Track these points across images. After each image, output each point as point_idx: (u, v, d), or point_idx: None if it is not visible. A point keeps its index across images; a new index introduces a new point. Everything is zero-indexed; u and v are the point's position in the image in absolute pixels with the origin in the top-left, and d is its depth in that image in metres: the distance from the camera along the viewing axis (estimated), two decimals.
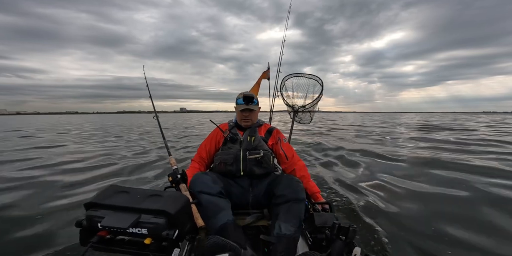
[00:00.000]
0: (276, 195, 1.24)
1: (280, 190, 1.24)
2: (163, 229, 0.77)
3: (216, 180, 1.30)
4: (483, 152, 5.43)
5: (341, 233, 1.00)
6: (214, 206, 1.16)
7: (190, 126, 16.80)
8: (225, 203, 1.21)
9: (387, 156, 4.91)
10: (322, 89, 2.67)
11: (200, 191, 1.20)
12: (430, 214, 2.30)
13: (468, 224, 2.07)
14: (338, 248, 0.97)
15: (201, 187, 1.22)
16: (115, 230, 0.75)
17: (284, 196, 1.20)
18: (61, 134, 11.07)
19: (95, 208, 0.82)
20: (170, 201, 0.86)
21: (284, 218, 1.13)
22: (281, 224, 1.11)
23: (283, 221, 1.12)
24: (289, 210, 1.16)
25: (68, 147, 6.58)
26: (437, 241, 1.82)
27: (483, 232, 1.94)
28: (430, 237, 1.88)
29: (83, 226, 0.80)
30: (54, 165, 4.28)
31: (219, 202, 1.18)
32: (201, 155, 1.63)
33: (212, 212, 1.14)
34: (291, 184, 1.26)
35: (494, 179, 3.26)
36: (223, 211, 1.14)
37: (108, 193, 0.88)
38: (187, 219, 0.95)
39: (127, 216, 0.77)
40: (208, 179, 1.27)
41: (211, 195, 1.19)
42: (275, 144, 1.64)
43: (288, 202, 1.18)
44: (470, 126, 14.45)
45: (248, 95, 1.57)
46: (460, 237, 1.86)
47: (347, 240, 0.98)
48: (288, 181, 1.29)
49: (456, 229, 1.98)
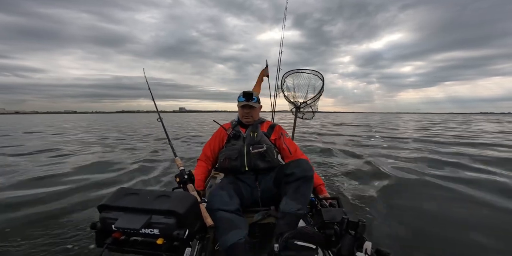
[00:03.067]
0: (286, 174, 1.27)
1: (290, 168, 1.27)
2: (174, 229, 0.78)
3: (233, 195, 1.26)
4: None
5: (351, 228, 1.00)
6: (229, 222, 1.11)
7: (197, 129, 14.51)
8: (241, 222, 1.15)
9: (391, 149, 4.89)
10: (323, 84, 2.64)
11: (218, 208, 1.15)
12: (441, 210, 2.30)
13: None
14: (348, 243, 0.97)
15: (219, 205, 1.17)
16: (128, 231, 0.76)
17: (294, 174, 1.23)
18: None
19: (108, 210, 0.83)
20: (179, 201, 0.86)
21: (292, 196, 1.19)
22: (287, 201, 1.18)
23: (290, 199, 1.19)
24: (298, 188, 1.21)
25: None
26: (448, 237, 1.82)
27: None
28: (441, 232, 1.88)
29: (97, 228, 0.81)
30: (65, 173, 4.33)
31: (235, 220, 1.13)
32: (206, 154, 1.67)
33: (225, 229, 1.08)
34: (301, 163, 1.30)
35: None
36: (237, 229, 1.08)
37: (118, 195, 0.89)
38: (196, 219, 0.96)
39: (139, 217, 0.78)
40: (224, 195, 1.23)
41: (229, 212, 1.16)
42: (278, 139, 1.67)
43: (298, 180, 1.22)
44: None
45: (248, 92, 1.62)
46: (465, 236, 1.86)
47: (357, 235, 0.98)
48: (298, 161, 1.34)
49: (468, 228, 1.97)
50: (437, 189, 2.85)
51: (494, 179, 3.25)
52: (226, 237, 1.05)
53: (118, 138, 9.62)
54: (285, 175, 1.27)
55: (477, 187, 2.89)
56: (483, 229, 1.92)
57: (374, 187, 2.95)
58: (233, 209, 1.17)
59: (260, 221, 1.31)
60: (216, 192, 1.26)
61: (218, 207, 1.16)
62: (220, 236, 1.07)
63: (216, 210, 1.15)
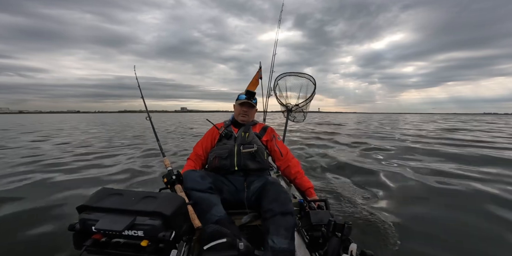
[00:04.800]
0: (263, 210, 1.21)
1: (267, 204, 1.20)
2: (160, 230, 0.76)
3: (205, 176, 1.32)
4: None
5: (337, 230, 1.01)
6: (206, 202, 1.20)
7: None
8: (216, 199, 1.25)
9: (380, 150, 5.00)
10: (315, 88, 2.68)
11: (191, 188, 1.24)
12: (426, 210, 2.36)
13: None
14: (334, 245, 0.98)
15: (192, 184, 1.25)
16: (110, 233, 0.74)
17: (271, 211, 1.16)
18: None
19: (88, 211, 0.80)
20: (166, 202, 0.85)
21: (275, 232, 1.08)
22: (273, 238, 1.06)
23: (275, 235, 1.07)
24: (279, 223, 1.12)
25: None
26: (431, 238, 1.87)
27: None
28: (425, 233, 1.93)
29: (76, 230, 0.78)
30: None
31: (210, 198, 1.23)
32: (197, 152, 1.66)
33: (205, 208, 1.18)
34: (278, 197, 1.21)
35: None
36: (215, 206, 1.19)
37: (101, 196, 0.86)
38: (184, 220, 0.94)
39: (122, 218, 0.76)
40: (196, 176, 1.30)
41: (202, 191, 1.24)
42: (269, 141, 1.68)
43: (276, 216, 1.14)
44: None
45: (252, 91, 1.70)
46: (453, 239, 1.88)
47: (343, 237, 0.99)
48: (275, 194, 1.24)
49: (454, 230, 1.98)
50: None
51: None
52: (209, 215, 1.15)
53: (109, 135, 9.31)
54: (263, 210, 1.21)
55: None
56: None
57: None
58: (204, 188, 1.25)
59: (249, 224, 1.30)
60: (189, 173, 1.33)
61: (191, 186, 1.24)
62: (203, 217, 1.14)
63: (190, 190, 1.24)
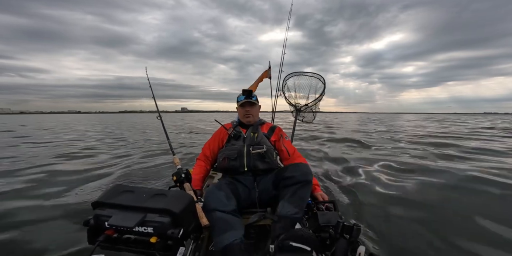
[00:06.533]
0: (285, 177, 1.27)
1: (290, 172, 1.28)
2: (168, 228, 0.78)
3: (230, 195, 1.24)
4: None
5: (345, 232, 1.00)
6: (225, 223, 1.10)
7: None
8: (238, 223, 1.14)
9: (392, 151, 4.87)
10: (324, 88, 2.64)
11: (214, 209, 1.13)
12: (437, 212, 2.28)
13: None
14: (342, 247, 0.97)
15: (215, 205, 1.15)
16: (121, 229, 0.76)
17: (294, 178, 1.24)
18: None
19: (102, 207, 0.83)
20: (175, 200, 0.86)
21: (290, 199, 1.19)
22: (285, 204, 1.18)
23: (288, 202, 1.19)
24: (296, 192, 1.21)
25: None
26: (443, 241, 1.80)
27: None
28: (436, 237, 1.86)
29: (90, 225, 0.81)
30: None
31: (231, 221, 1.12)
32: (205, 153, 1.67)
33: (221, 229, 1.07)
34: (301, 166, 1.31)
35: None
36: (233, 230, 1.07)
37: (114, 192, 0.89)
38: (192, 218, 0.96)
39: (133, 215, 0.78)
40: (222, 195, 1.21)
41: (225, 212, 1.14)
42: (277, 141, 1.68)
43: (296, 184, 1.22)
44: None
45: (247, 89, 1.66)
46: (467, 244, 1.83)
47: (351, 239, 0.98)
48: (298, 164, 1.34)
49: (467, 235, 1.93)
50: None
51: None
52: (221, 238, 1.04)
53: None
54: (284, 178, 1.28)
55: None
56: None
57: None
58: (229, 210, 1.16)
59: (256, 223, 1.31)
60: (213, 192, 1.24)
61: (215, 207, 1.15)
62: (216, 237, 1.06)
63: (213, 210, 1.14)
